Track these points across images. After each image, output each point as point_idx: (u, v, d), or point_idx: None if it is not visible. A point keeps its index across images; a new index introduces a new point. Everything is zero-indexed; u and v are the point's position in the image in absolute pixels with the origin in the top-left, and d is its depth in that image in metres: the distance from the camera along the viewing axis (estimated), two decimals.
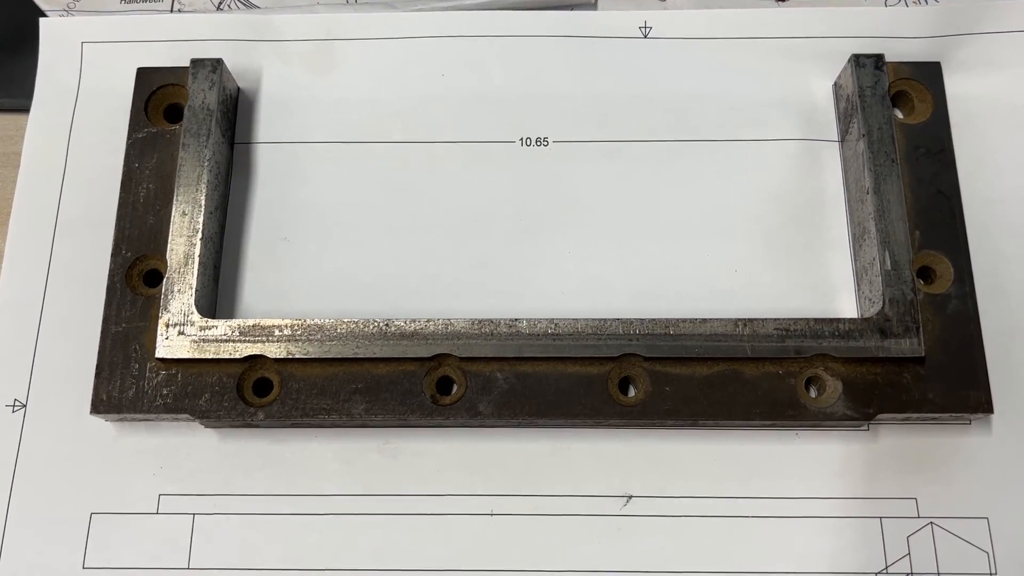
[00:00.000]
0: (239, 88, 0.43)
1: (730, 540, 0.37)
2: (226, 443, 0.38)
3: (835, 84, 0.42)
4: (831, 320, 0.37)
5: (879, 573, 0.36)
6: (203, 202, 0.39)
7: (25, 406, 0.39)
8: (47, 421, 0.38)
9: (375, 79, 0.43)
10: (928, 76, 0.41)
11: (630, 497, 0.37)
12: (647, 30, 0.43)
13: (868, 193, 0.38)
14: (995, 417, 0.37)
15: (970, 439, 0.37)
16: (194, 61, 0.41)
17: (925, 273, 0.39)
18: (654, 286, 0.40)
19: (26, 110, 0.43)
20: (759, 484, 0.37)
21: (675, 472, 0.37)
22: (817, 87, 0.42)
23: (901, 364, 0.37)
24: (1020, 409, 0.38)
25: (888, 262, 0.37)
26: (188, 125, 0.40)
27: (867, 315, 0.37)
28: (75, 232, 0.41)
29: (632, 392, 0.38)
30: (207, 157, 0.39)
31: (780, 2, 0.45)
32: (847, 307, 0.39)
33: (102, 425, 0.38)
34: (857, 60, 0.40)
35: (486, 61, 0.43)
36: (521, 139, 0.42)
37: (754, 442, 0.38)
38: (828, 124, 0.42)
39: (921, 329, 0.36)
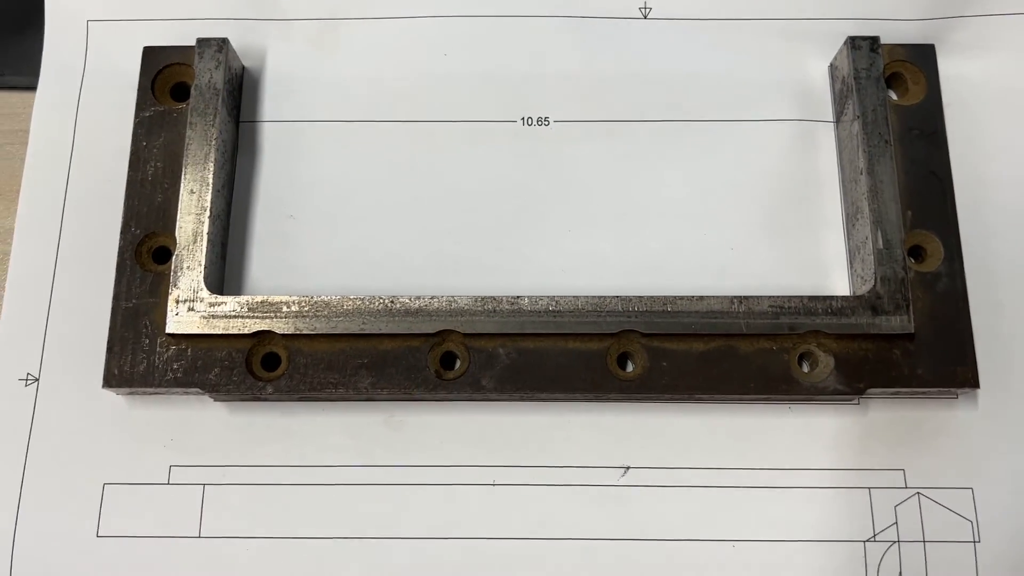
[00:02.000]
0: (244, 67, 0.43)
1: (724, 509, 0.38)
2: (235, 416, 0.39)
3: (831, 65, 0.43)
4: (824, 297, 0.38)
5: (867, 541, 0.37)
6: (211, 180, 0.39)
7: (38, 380, 0.40)
8: (60, 395, 0.39)
9: (378, 58, 0.43)
10: (922, 58, 0.42)
11: (628, 468, 0.38)
12: (647, 10, 0.44)
13: (862, 173, 0.39)
14: (981, 392, 0.38)
15: (957, 412, 0.39)
16: (200, 40, 0.41)
17: (916, 252, 0.40)
18: (652, 264, 0.41)
19: (34, 88, 0.43)
20: (753, 456, 0.38)
21: (671, 444, 0.39)
22: (814, 68, 0.43)
23: (891, 340, 0.38)
24: (1005, 383, 0.39)
25: (880, 241, 0.38)
26: (195, 104, 0.40)
27: (859, 293, 0.39)
28: (84, 209, 0.41)
29: (630, 367, 0.39)
30: (214, 136, 0.40)
31: None
32: (840, 285, 0.40)
33: (114, 398, 0.39)
34: (853, 42, 0.41)
35: (488, 41, 0.44)
36: (522, 119, 0.43)
37: (749, 415, 0.39)
38: (824, 105, 0.43)
39: (911, 307, 0.38)
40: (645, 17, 0.44)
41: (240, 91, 0.43)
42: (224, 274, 0.41)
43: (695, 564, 0.37)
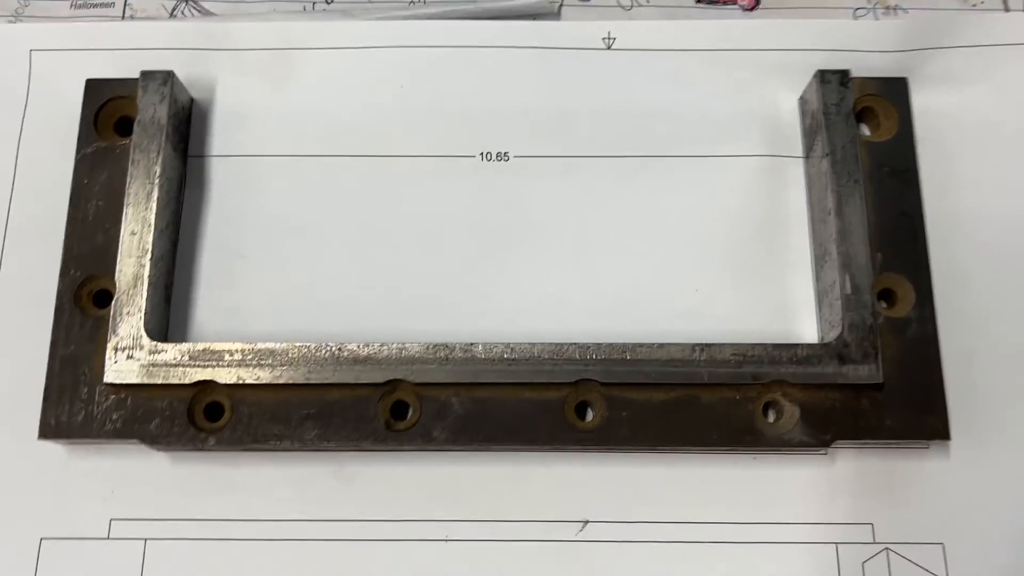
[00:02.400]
0: (192, 99, 0.42)
1: (687, 566, 0.36)
2: (178, 467, 0.38)
3: (800, 99, 0.41)
4: (789, 345, 0.36)
5: None
6: (153, 221, 0.38)
7: None
8: None
9: (333, 90, 0.42)
10: (894, 93, 0.40)
11: (586, 522, 0.37)
12: (611, 41, 0.42)
13: (830, 214, 0.38)
14: (952, 443, 0.37)
15: (927, 464, 0.37)
16: (144, 73, 0.40)
17: (887, 295, 0.38)
18: (614, 306, 0.39)
19: None
20: (717, 509, 0.37)
21: (632, 497, 0.37)
22: (783, 101, 0.42)
23: (859, 390, 0.36)
24: (978, 434, 0.37)
25: (848, 286, 0.37)
26: (138, 140, 0.39)
27: (827, 339, 0.37)
28: (24, 245, 0.40)
29: (590, 416, 0.37)
30: (157, 174, 0.38)
31: (748, 11, 0.44)
32: (809, 329, 0.39)
33: (52, 448, 0.38)
34: (823, 76, 0.39)
35: (447, 72, 0.42)
36: (481, 154, 0.41)
37: (712, 466, 0.37)
38: (793, 140, 0.41)
39: (880, 355, 0.36)
40: (609, 47, 0.42)
41: (188, 124, 0.41)
42: (169, 317, 0.39)
43: None
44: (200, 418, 0.37)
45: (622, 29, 0.42)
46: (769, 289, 0.39)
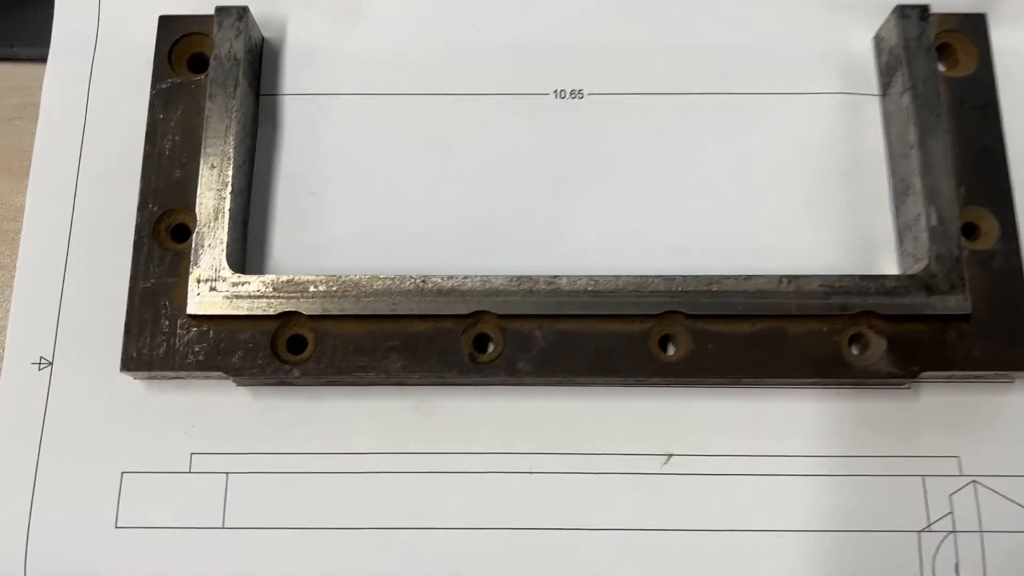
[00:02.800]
0: (264, 38, 0.42)
1: (770, 498, 0.36)
2: (258, 401, 0.38)
3: (876, 36, 0.41)
4: (876, 277, 0.36)
5: (921, 531, 0.36)
6: (232, 155, 0.37)
7: (52, 363, 0.38)
8: (74, 379, 0.38)
9: (403, 28, 0.42)
10: (973, 28, 0.40)
11: (670, 455, 0.37)
12: None
13: (913, 148, 0.37)
14: None
15: (1013, 397, 0.37)
16: (219, 9, 0.39)
17: (970, 229, 0.38)
18: (692, 243, 0.39)
19: (44, 59, 0.41)
20: (802, 442, 0.37)
21: (715, 430, 0.37)
22: (857, 39, 0.41)
23: (946, 321, 0.36)
24: None
25: (934, 218, 0.36)
26: (215, 75, 0.38)
27: (911, 272, 0.37)
28: (99, 186, 0.40)
29: (673, 350, 0.37)
30: (235, 109, 0.38)
31: None
32: (888, 264, 0.39)
33: (131, 383, 0.38)
34: (902, 11, 0.39)
35: (518, 9, 0.42)
36: (555, 91, 0.41)
37: (797, 399, 0.37)
38: (869, 77, 0.41)
39: (967, 285, 0.36)
40: None
41: (260, 63, 0.41)
42: (246, 253, 0.39)
43: (741, 554, 0.36)
44: (283, 350, 0.36)
45: None
46: (848, 224, 0.39)
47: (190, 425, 0.37)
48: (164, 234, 0.38)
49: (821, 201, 0.39)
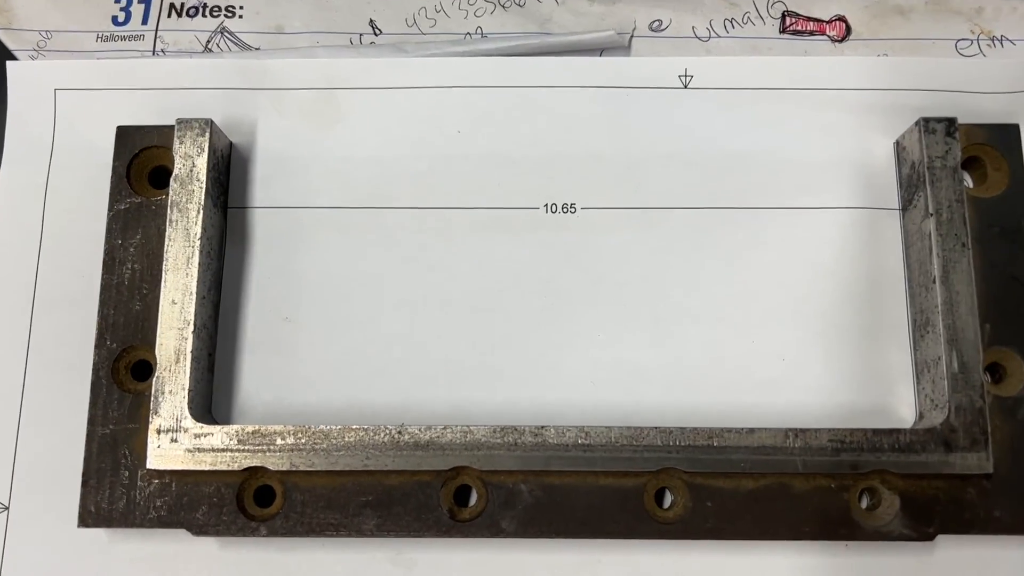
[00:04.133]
0: (231, 143, 0.38)
1: None
2: (226, 552, 0.35)
3: (897, 143, 0.38)
4: (890, 431, 0.33)
5: None
6: (194, 288, 0.35)
7: (7, 508, 0.36)
8: (32, 525, 0.35)
9: (383, 135, 0.39)
10: (1004, 141, 0.36)
11: None
12: (687, 79, 0.39)
13: (935, 282, 0.34)
14: None
15: None
16: (180, 121, 0.36)
17: (995, 369, 0.35)
18: (693, 376, 0.36)
19: None
20: None
21: None
22: (876, 146, 0.38)
23: (966, 479, 0.33)
24: None
25: (955, 363, 0.33)
26: (175, 198, 0.35)
27: (929, 419, 0.34)
28: (56, 307, 0.37)
29: (668, 502, 0.34)
30: (197, 235, 0.35)
31: (837, 42, 0.40)
32: (906, 402, 0.36)
33: (94, 532, 0.35)
34: (926, 125, 0.36)
35: (507, 115, 0.38)
36: (546, 205, 0.38)
37: (803, 555, 0.35)
38: (888, 189, 0.38)
39: (990, 441, 0.33)
40: (686, 86, 0.38)
41: (228, 173, 0.38)
42: (212, 388, 0.36)
43: None
44: (251, 504, 0.34)
45: (700, 65, 0.38)
46: (862, 357, 0.36)
47: None
48: (124, 373, 0.35)
49: (835, 329, 0.36)
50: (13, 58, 0.40)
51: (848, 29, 0.40)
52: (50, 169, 0.39)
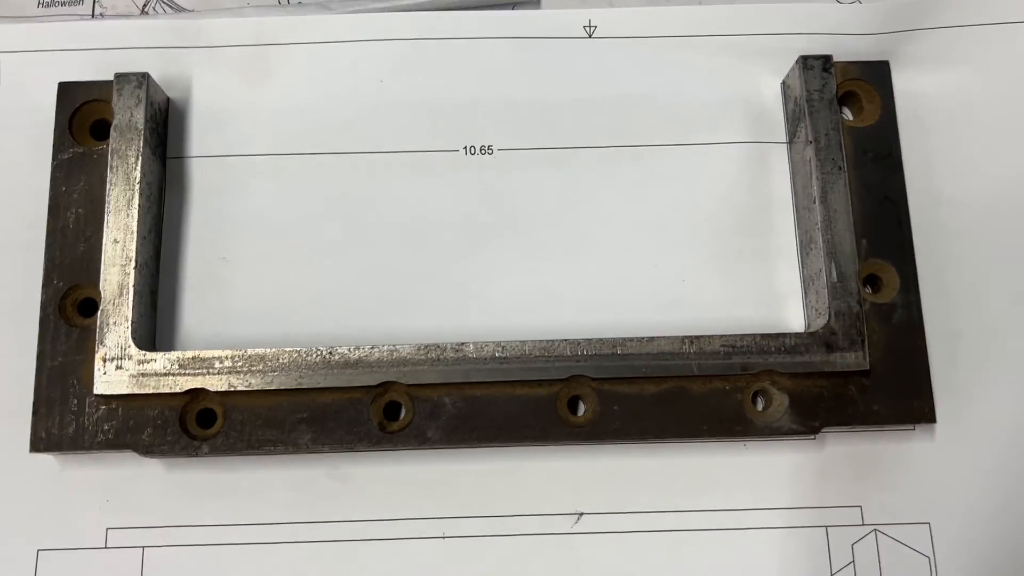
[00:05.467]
0: (168, 99, 0.41)
1: (681, 553, 0.37)
2: (173, 473, 0.38)
3: (783, 84, 0.41)
4: (777, 335, 0.37)
5: None
6: (135, 228, 0.37)
7: None
8: None
9: (312, 86, 0.41)
10: (876, 76, 0.40)
11: (581, 514, 0.37)
12: (592, 29, 0.42)
13: (815, 202, 0.38)
14: (938, 425, 0.38)
15: (914, 446, 0.38)
16: (118, 76, 0.39)
17: (872, 280, 0.39)
18: (603, 298, 0.39)
19: None
20: (709, 497, 0.37)
21: (625, 488, 0.38)
22: (766, 86, 0.42)
23: (846, 377, 0.37)
24: (963, 414, 0.38)
25: (834, 274, 0.37)
26: (115, 146, 0.38)
27: (813, 328, 0.37)
28: (4, 258, 0.39)
29: (581, 410, 0.37)
30: (137, 179, 0.38)
31: None
32: (795, 315, 0.39)
33: (45, 459, 0.38)
34: (805, 62, 0.39)
35: (426, 65, 0.41)
36: (465, 147, 0.41)
37: (703, 455, 0.38)
38: (777, 125, 0.41)
39: (866, 342, 0.37)
40: (590, 36, 0.42)
41: (166, 126, 0.41)
42: (155, 324, 0.39)
43: None
44: (193, 425, 0.37)
45: (604, 17, 0.42)
46: (755, 276, 0.40)
47: (105, 500, 0.37)
48: (71, 310, 0.38)
49: (731, 253, 0.40)
50: None
51: None
52: None
